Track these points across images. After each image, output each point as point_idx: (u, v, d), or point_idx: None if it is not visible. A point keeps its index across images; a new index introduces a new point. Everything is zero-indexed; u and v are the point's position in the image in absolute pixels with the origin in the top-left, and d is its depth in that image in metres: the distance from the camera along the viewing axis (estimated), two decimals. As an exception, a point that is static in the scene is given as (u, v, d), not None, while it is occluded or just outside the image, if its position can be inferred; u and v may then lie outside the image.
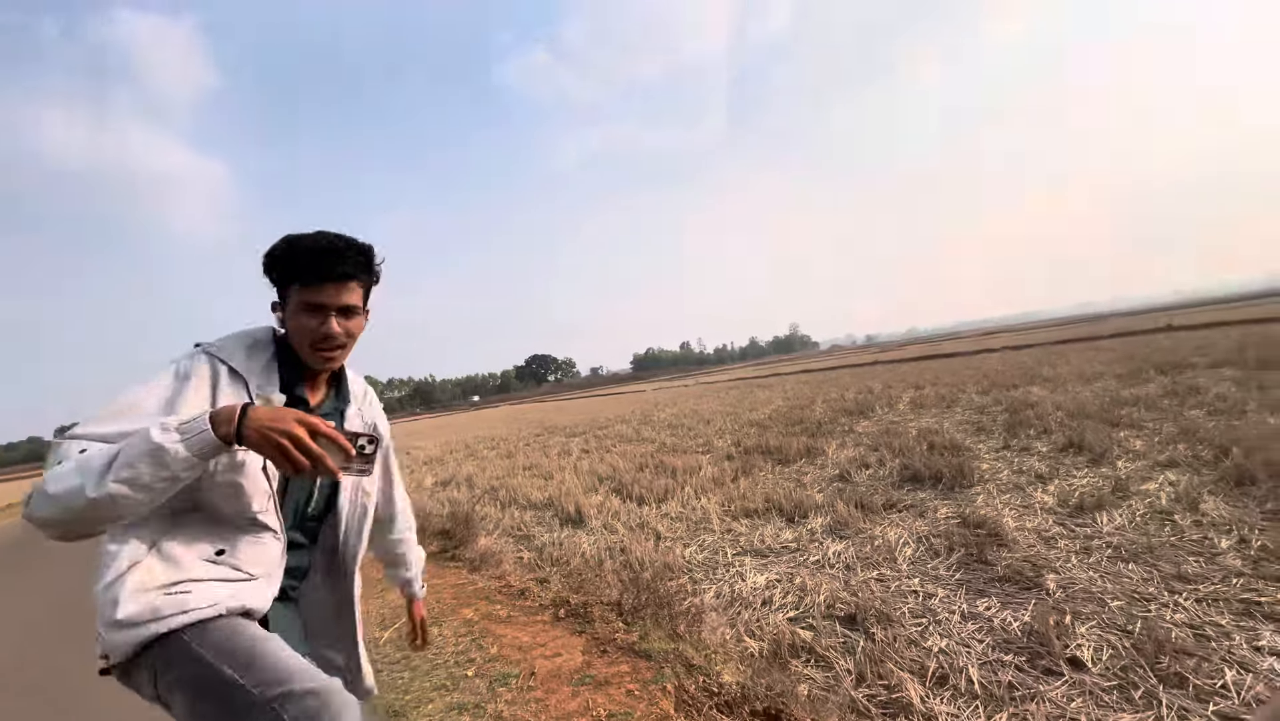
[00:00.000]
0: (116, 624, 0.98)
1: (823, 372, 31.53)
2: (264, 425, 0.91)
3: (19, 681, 3.43)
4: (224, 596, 1.04)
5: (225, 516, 1.09)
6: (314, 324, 1.13)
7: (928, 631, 2.99)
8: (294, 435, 0.91)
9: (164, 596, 1.00)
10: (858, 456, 7.21)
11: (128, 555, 1.02)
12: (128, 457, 0.87)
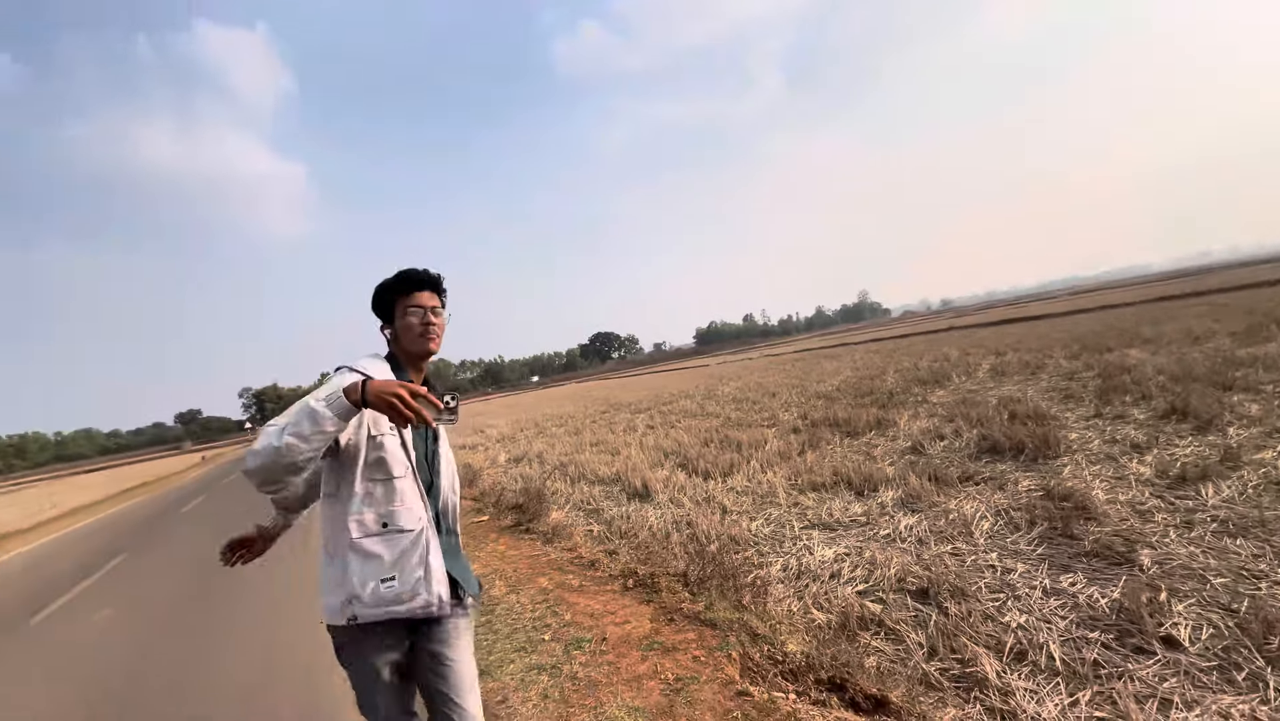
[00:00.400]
0: (324, 605, 1.52)
1: (894, 341, 30.31)
2: (379, 390, 1.34)
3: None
4: (390, 596, 1.47)
5: (382, 496, 1.51)
6: (417, 319, 1.64)
7: (1006, 606, 2.90)
8: (400, 395, 1.32)
9: (341, 594, 1.48)
10: (932, 427, 6.96)
11: (329, 551, 1.53)
12: (296, 419, 1.35)
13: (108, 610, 5.21)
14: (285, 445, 1.31)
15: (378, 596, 1.46)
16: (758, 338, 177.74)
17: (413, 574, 1.48)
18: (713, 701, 2.25)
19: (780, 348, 63.40)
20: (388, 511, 1.50)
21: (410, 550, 1.49)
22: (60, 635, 4.79)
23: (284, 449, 1.32)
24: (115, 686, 3.52)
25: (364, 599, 1.46)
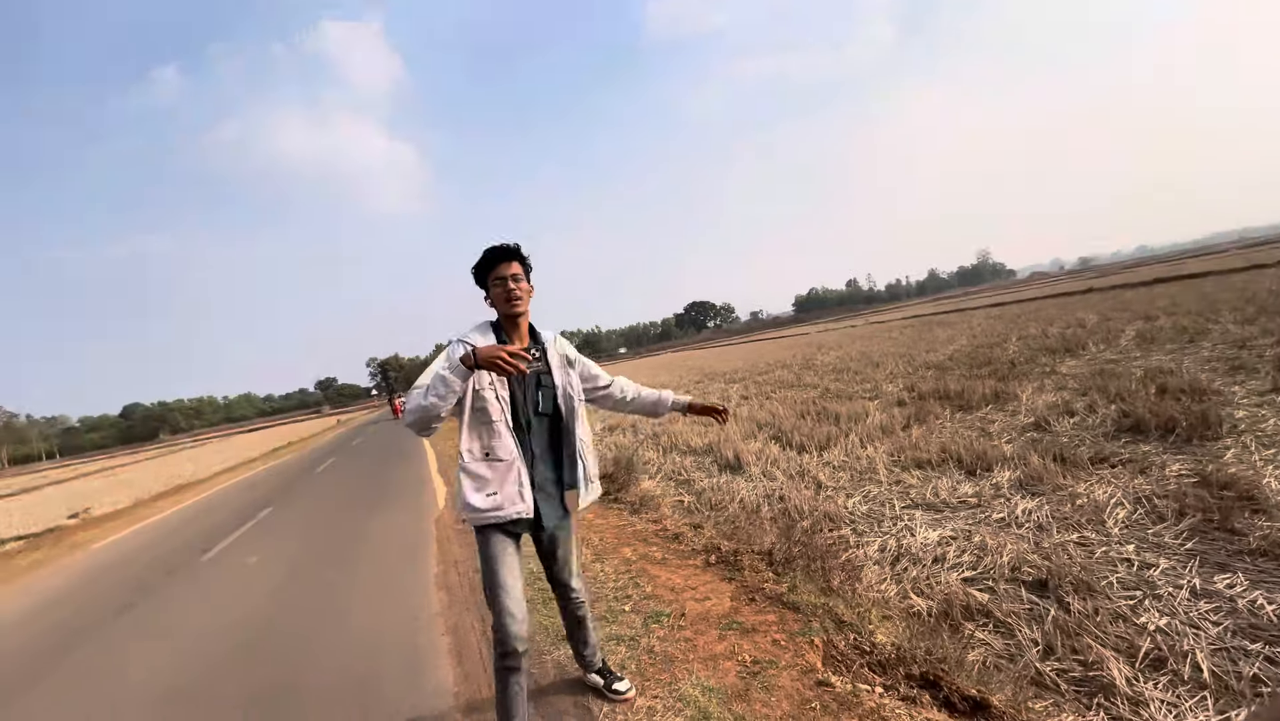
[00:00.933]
0: (461, 505, 2.07)
1: (1019, 305, 27.54)
2: (484, 355, 1.84)
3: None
4: (491, 505, 2.00)
5: (485, 434, 2.02)
6: (501, 288, 2.04)
7: (1142, 606, 2.56)
8: (498, 354, 1.82)
9: (461, 502, 2.05)
10: (1060, 402, 6.25)
11: (462, 463, 2.05)
12: (432, 383, 1.90)
13: (254, 557, 5.96)
14: (430, 404, 1.88)
15: (483, 503, 2.00)
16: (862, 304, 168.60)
17: (508, 489, 2.00)
18: (791, 689, 2.16)
19: (887, 314, 59.76)
20: (490, 444, 2.01)
21: (506, 473, 2.00)
22: (221, 573, 5.56)
23: (429, 406, 1.89)
24: (257, 619, 4.04)
25: (475, 505, 2.00)
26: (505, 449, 2.00)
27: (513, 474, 2.00)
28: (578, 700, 2.40)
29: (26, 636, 4.68)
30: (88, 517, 11.60)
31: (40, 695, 3.48)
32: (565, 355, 2.22)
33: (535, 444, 2.10)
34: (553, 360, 2.16)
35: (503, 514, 1.99)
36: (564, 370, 2.19)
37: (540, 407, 2.10)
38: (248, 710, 2.87)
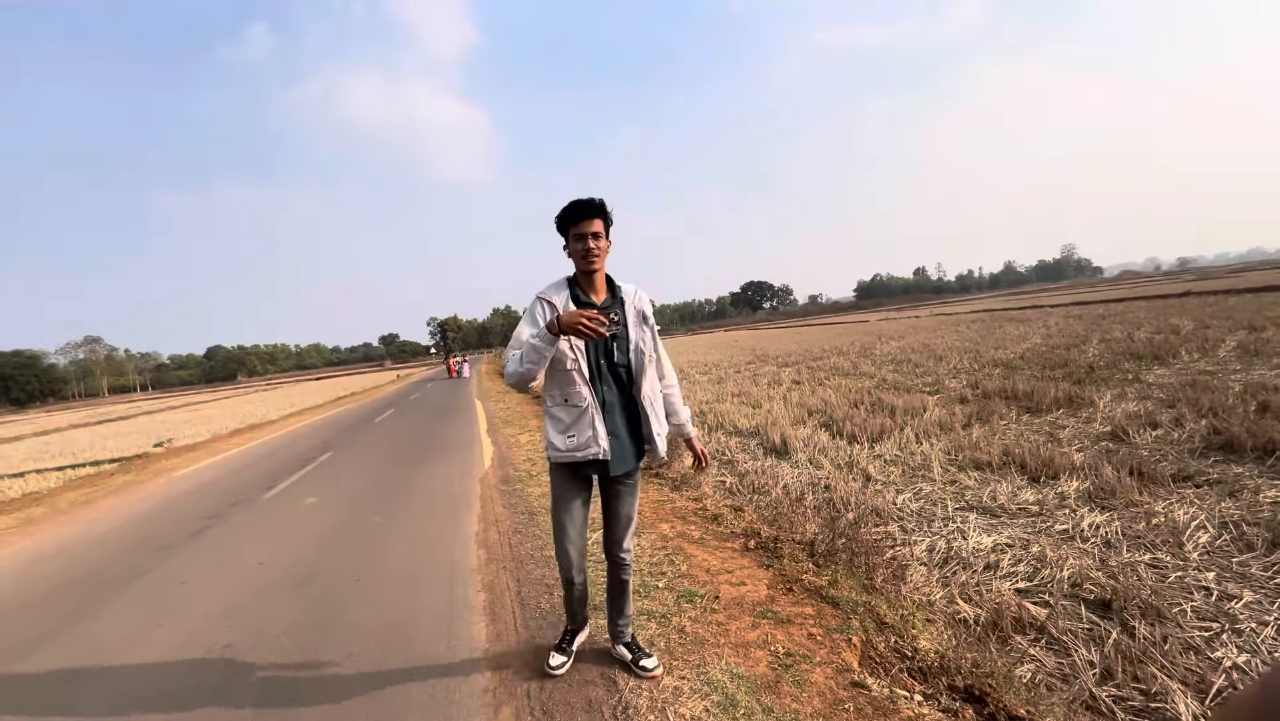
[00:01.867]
0: (546, 444, 2.25)
1: (1104, 306, 25.66)
2: (567, 323, 1.94)
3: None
4: (570, 446, 2.16)
5: (561, 381, 2.16)
6: (580, 246, 2.10)
7: (1219, 640, 2.35)
8: (580, 320, 1.92)
9: (545, 441, 2.24)
10: (1142, 412, 5.79)
11: (545, 407, 2.26)
12: (526, 351, 2.04)
13: (312, 499, 6.29)
14: (526, 370, 2.06)
15: (564, 444, 2.16)
16: (929, 294, 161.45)
17: (584, 432, 2.14)
18: (824, 686, 2.09)
19: (955, 306, 57.01)
20: (566, 391, 2.16)
21: (581, 417, 2.14)
22: (280, 511, 5.90)
23: (525, 372, 2.07)
24: (309, 555, 4.27)
25: (556, 445, 2.18)
26: (580, 395, 2.13)
27: (587, 418, 2.13)
28: (604, 671, 2.41)
29: (119, 548, 5.14)
30: (170, 447, 12.56)
31: (131, 596, 3.86)
32: (642, 311, 2.26)
33: (608, 393, 2.19)
34: (629, 314, 2.22)
35: (580, 454, 2.14)
36: (639, 326, 2.23)
37: (615, 359, 2.19)
38: (291, 635, 3.06)
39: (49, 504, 7.77)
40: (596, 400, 2.13)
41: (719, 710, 2.03)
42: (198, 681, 2.71)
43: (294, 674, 2.68)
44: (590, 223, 2.08)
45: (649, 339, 2.24)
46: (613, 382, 2.20)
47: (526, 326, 2.12)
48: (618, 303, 2.22)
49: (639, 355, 2.20)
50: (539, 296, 2.16)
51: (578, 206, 2.08)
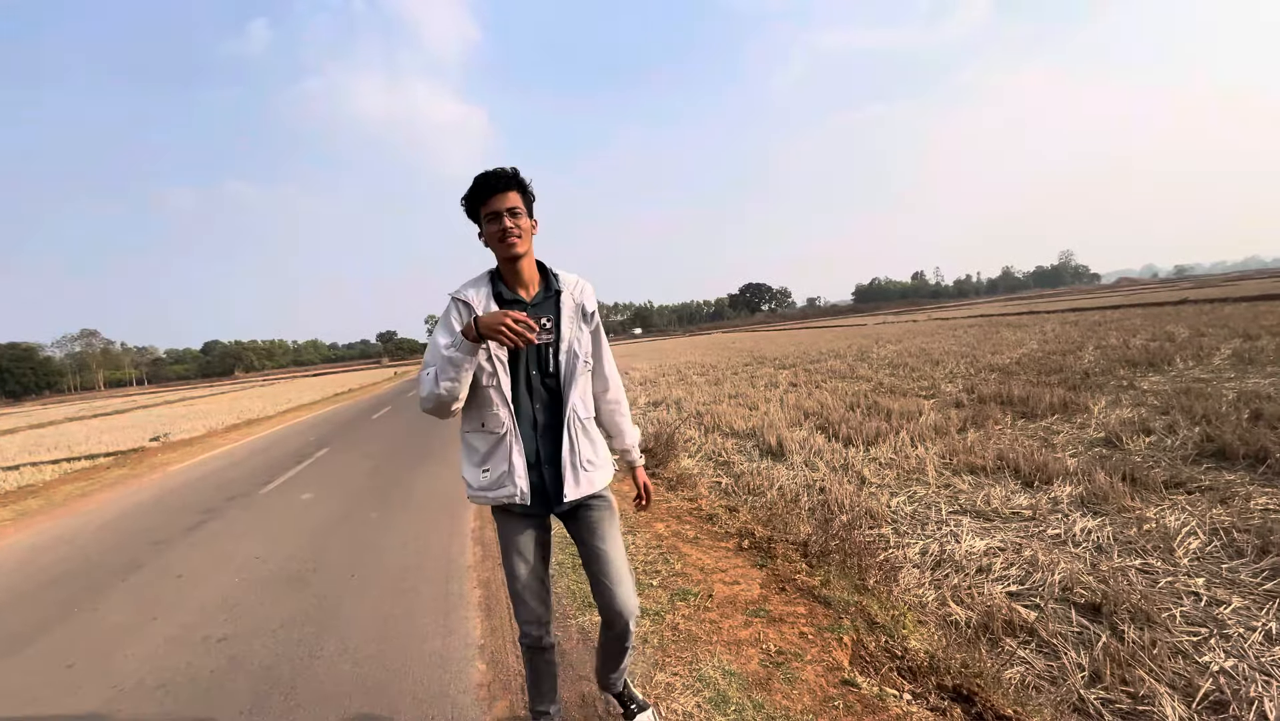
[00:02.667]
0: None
1: (1101, 312, 25.76)
2: (487, 324, 1.56)
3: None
4: (487, 483, 1.73)
5: (478, 401, 1.74)
6: (494, 228, 1.67)
7: (1207, 645, 2.38)
8: (506, 324, 1.53)
9: (463, 473, 1.81)
10: (1136, 419, 5.83)
11: (461, 431, 1.81)
12: (441, 368, 1.64)
13: (308, 495, 6.30)
14: (444, 390, 1.64)
15: (477, 480, 1.75)
16: (926, 298, 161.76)
17: (499, 466, 1.71)
18: (814, 684, 2.12)
19: (952, 311, 57.21)
20: (483, 413, 1.74)
21: (498, 446, 1.71)
22: (277, 506, 5.91)
23: (443, 393, 1.65)
24: (305, 551, 4.28)
25: (469, 482, 1.77)
26: (496, 418, 1.70)
27: (503, 448, 1.70)
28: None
29: (115, 541, 5.14)
30: (167, 442, 12.55)
31: (127, 588, 3.88)
32: (582, 305, 1.82)
33: (540, 413, 1.75)
34: (565, 308, 1.77)
35: (492, 495, 1.72)
36: (575, 322, 1.78)
37: (550, 368, 1.75)
38: (288, 629, 3.08)
39: (45, 496, 7.77)
40: (517, 425, 1.70)
41: (710, 706, 2.06)
42: (193, 673, 2.73)
43: (290, 666, 2.70)
44: (503, 197, 1.66)
45: (585, 340, 1.80)
46: (546, 399, 1.76)
47: (441, 335, 1.70)
48: (552, 297, 1.78)
49: (570, 359, 1.76)
50: (453, 296, 1.74)
51: (485, 179, 1.66)
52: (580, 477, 1.75)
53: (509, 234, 1.66)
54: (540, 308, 1.75)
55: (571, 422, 1.75)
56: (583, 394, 1.81)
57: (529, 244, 1.73)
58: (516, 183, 1.69)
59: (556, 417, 1.75)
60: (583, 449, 1.77)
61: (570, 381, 1.75)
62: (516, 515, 1.78)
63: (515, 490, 1.69)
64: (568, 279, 1.82)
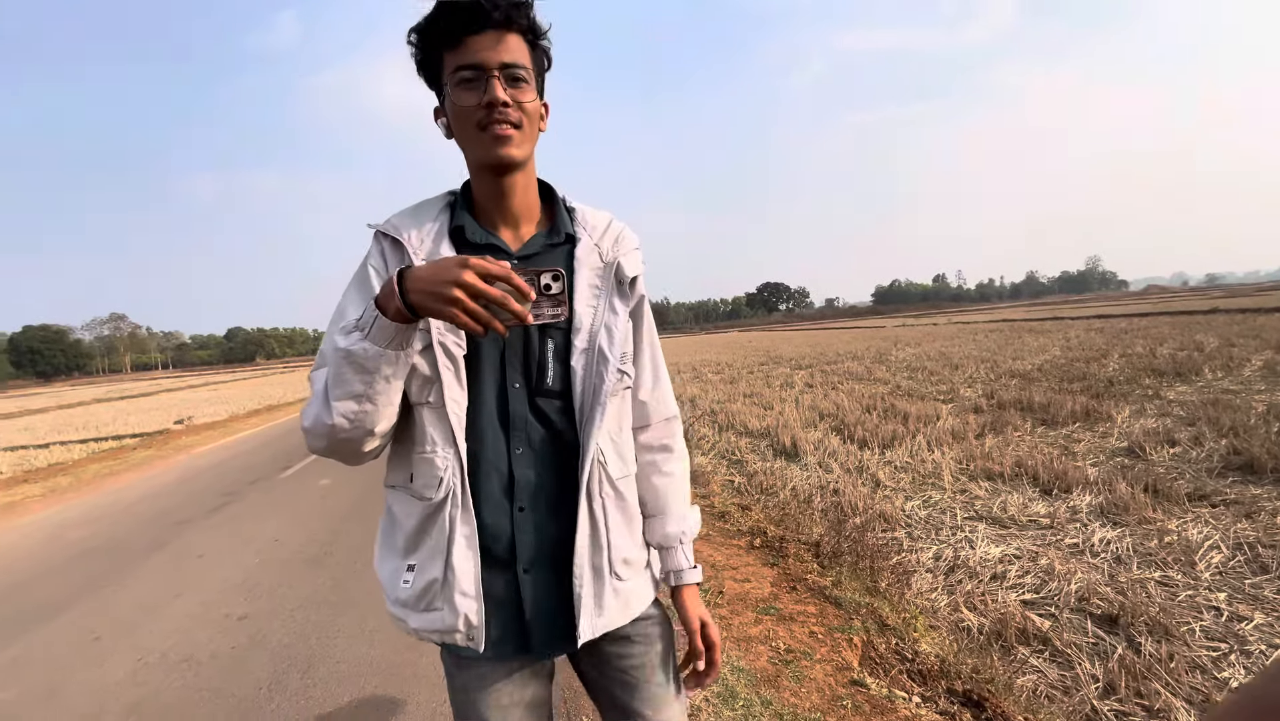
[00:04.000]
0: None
1: (1128, 320, 25.24)
2: (427, 284, 0.73)
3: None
4: (410, 596, 0.89)
5: (409, 434, 0.92)
6: (474, 98, 0.84)
7: (1227, 660, 2.34)
8: (464, 282, 0.71)
9: (378, 573, 0.97)
10: (1161, 429, 5.71)
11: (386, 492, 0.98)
12: (335, 373, 0.80)
13: (326, 480, 6.42)
14: (342, 417, 0.81)
15: (398, 592, 0.91)
16: (947, 302, 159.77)
17: (428, 570, 0.87)
18: (823, 683, 2.12)
19: (974, 315, 56.40)
20: (410, 456, 0.91)
21: (428, 527, 0.88)
22: (296, 490, 6.03)
23: (342, 424, 0.81)
24: (323, 534, 4.37)
25: (387, 590, 0.94)
26: (429, 467, 0.87)
27: (437, 531, 0.87)
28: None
29: (140, 520, 5.29)
30: (191, 425, 12.85)
31: (151, 566, 3.99)
32: (617, 266, 0.95)
33: (524, 461, 0.90)
34: (583, 267, 0.94)
35: (421, 623, 0.89)
36: (608, 294, 0.94)
37: (547, 376, 0.91)
38: (306, 609, 3.15)
39: (74, 474, 8.01)
40: (465, 484, 0.86)
41: (719, 701, 2.07)
42: (215, 649, 2.81)
43: (308, 646, 2.77)
44: (493, 41, 0.84)
45: (622, 327, 0.94)
46: (539, 438, 0.91)
47: (350, 306, 0.89)
48: (561, 247, 0.95)
49: (593, 361, 0.91)
50: (377, 232, 0.94)
51: (462, 1, 0.82)
52: (607, 595, 0.91)
53: (498, 115, 0.85)
54: (538, 261, 0.92)
55: (595, 486, 0.91)
56: (615, 430, 0.95)
57: (532, 144, 0.92)
58: (525, 20, 0.87)
59: (562, 474, 0.91)
60: (616, 538, 0.93)
61: (594, 405, 0.90)
62: (477, 660, 0.91)
63: (455, 619, 0.85)
64: (593, 216, 0.98)
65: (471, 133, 0.87)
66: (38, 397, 37.18)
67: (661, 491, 1.02)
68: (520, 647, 0.91)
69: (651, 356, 1.04)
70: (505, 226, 0.94)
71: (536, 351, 0.90)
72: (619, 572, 0.92)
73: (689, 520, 1.03)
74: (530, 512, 0.90)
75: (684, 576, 1.00)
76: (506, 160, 0.87)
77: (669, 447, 1.04)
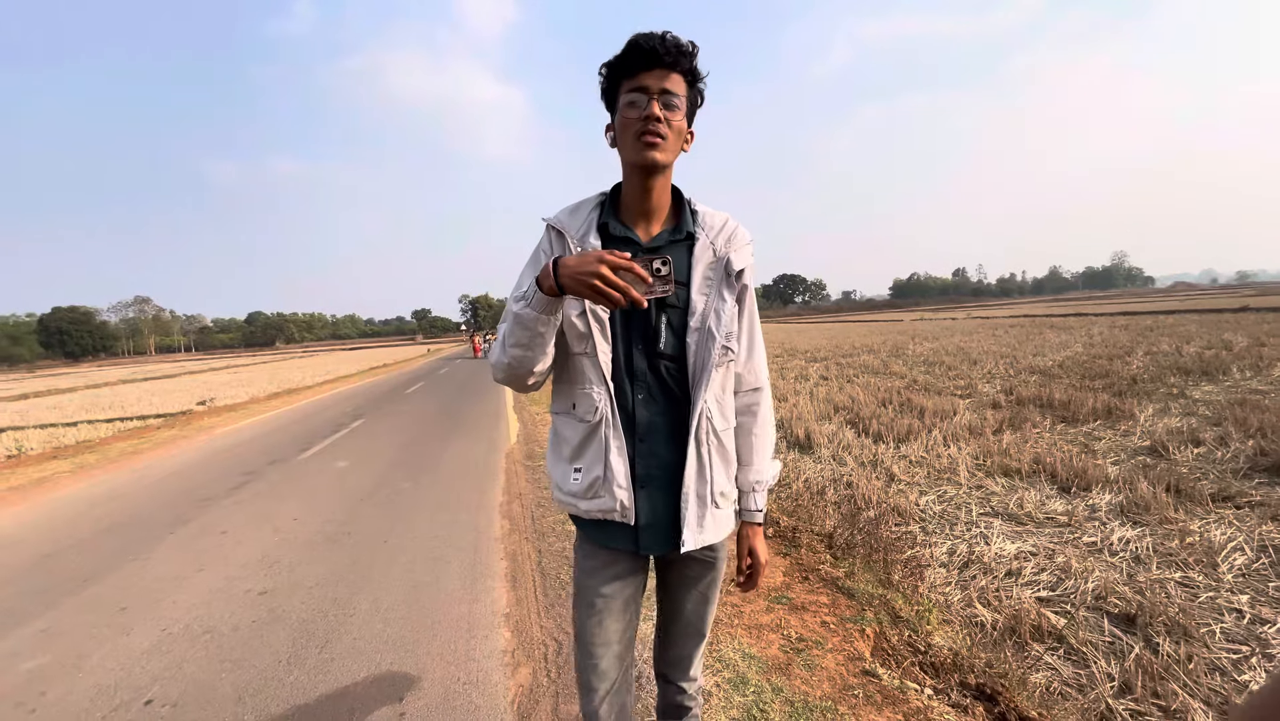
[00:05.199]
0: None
1: (1154, 317, 24.69)
2: (573, 271, 1.03)
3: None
4: (578, 489, 1.22)
5: (569, 373, 1.24)
6: (634, 114, 1.13)
7: (1248, 663, 2.30)
8: (599, 273, 1.00)
9: (549, 470, 1.32)
10: (1185, 429, 5.60)
11: (552, 415, 1.32)
12: (509, 329, 1.15)
13: (344, 462, 6.52)
14: (512, 359, 1.16)
15: (568, 484, 1.24)
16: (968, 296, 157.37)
17: (593, 468, 1.19)
18: (834, 672, 2.12)
19: (994, 310, 55.49)
20: (573, 391, 1.23)
21: (589, 441, 1.20)
22: (314, 472, 6.13)
23: (513, 363, 1.17)
24: (341, 515, 4.45)
25: (559, 485, 1.27)
26: (588, 399, 1.20)
27: (596, 443, 1.19)
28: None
29: (164, 496, 5.42)
30: (212, 406, 13.10)
31: (175, 541, 4.08)
32: (727, 260, 1.22)
33: (644, 405, 1.21)
34: (699, 261, 1.21)
35: (589, 506, 1.21)
36: (718, 284, 1.21)
37: (660, 342, 1.20)
38: (324, 587, 3.22)
39: (101, 452, 8.21)
40: (616, 411, 1.19)
41: (730, 686, 2.08)
42: (236, 622, 2.88)
43: (326, 622, 2.83)
44: (661, 75, 1.12)
45: (729, 313, 1.21)
46: (655, 388, 1.21)
47: (526, 276, 1.23)
48: (682, 243, 1.22)
49: (704, 340, 1.19)
50: (548, 225, 1.26)
51: (644, 42, 1.11)
52: (707, 517, 1.22)
53: (652, 126, 1.11)
54: (660, 253, 1.17)
55: (703, 433, 1.20)
56: (719, 392, 1.24)
57: (674, 155, 1.18)
58: (688, 64, 1.14)
59: (675, 421, 1.21)
60: (716, 475, 1.23)
61: (703, 372, 1.19)
62: (610, 551, 1.26)
63: (614, 503, 1.18)
64: (712, 217, 1.26)
65: (630, 139, 1.14)
66: (66, 377, 38.10)
67: (745, 447, 1.33)
68: (632, 541, 1.22)
69: (749, 335, 1.31)
70: (641, 222, 1.23)
71: (654, 322, 1.20)
72: (717, 501, 1.23)
73: (765, 473, 1.33)
74: (657, 442, 1.21)
75: (753, 516, 1.33)
76: (652, 162, 1.14)
77: (754, 412, 1.33)
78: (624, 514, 1.19)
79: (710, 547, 1.28)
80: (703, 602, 1.34)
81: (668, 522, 1.22)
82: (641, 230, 1.23)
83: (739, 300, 1.26)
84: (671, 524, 1.21)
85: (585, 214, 1.24)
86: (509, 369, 1.18)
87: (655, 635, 1.43)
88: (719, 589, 1.36)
